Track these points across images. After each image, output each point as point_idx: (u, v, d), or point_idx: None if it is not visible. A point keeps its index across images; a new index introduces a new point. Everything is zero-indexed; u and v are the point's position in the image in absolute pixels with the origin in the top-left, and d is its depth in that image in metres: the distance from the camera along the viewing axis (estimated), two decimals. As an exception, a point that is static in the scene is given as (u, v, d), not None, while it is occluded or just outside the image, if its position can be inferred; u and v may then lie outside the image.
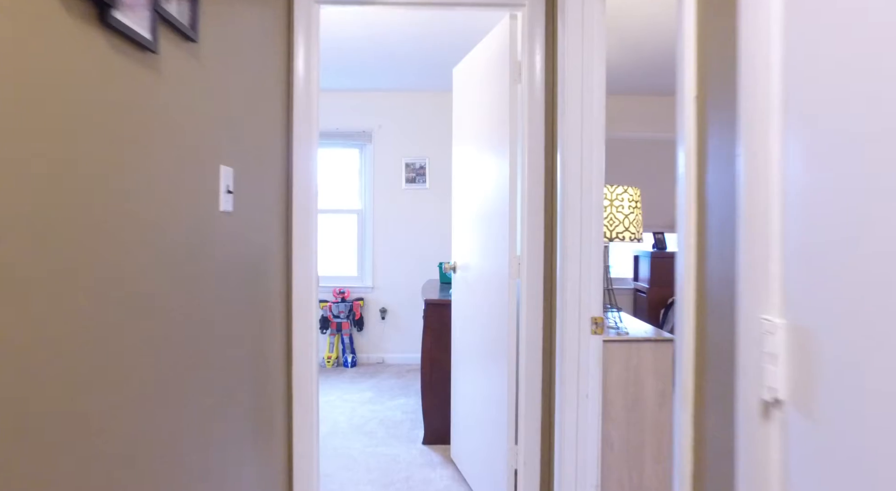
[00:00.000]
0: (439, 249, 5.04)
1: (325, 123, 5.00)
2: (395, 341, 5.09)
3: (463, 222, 2.71)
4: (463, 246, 2.69)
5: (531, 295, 2.01)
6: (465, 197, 2.69)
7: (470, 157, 2.61)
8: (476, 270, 2.49)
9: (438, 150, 5.02)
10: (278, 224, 1.95)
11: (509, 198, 2.12)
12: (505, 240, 2.15)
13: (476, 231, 2.51)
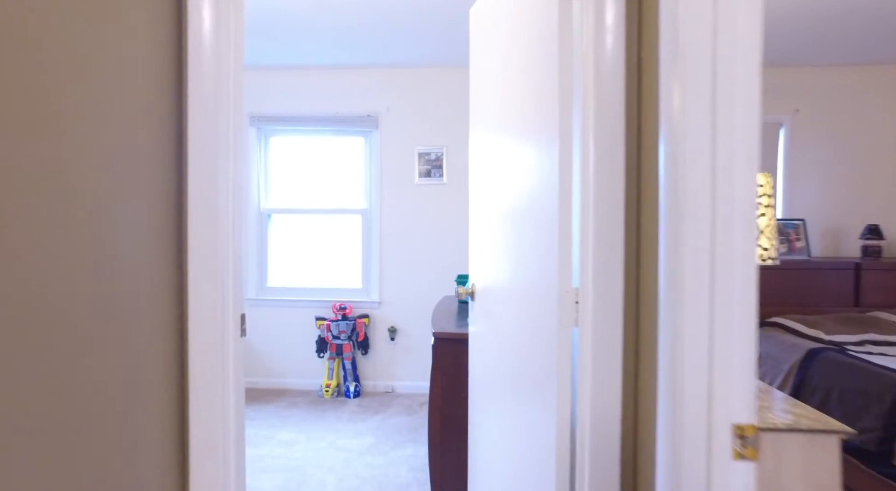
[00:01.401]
0: (460, 257, 4.19)
1: (322, 106, 4.20)
2: (406, 367, 4.26)
3: (483, 232, 1.85)
4: (483, 264, 1.84)
5: (600, 361, 1.15)
6: (485, 199, 1.84)
7: (494, 145, 1.75)
8: (502, 299, 1.64)
9: (458, 138, 4.16)
10: (152, 237, 1.14)
11: (559, 202, 1.26)
12: (551, 262, 1.29)
13: (503, 246, 1.65)
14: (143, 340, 1.06)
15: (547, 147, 1.32)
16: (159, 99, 1.12)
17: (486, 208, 1.82)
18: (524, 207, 1.48)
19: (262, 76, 4.20)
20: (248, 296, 4.26)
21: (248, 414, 3.69)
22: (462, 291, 1.90)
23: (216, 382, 1.18)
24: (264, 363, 4.29)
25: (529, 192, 1.44)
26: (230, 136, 1.23)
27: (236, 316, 1.25)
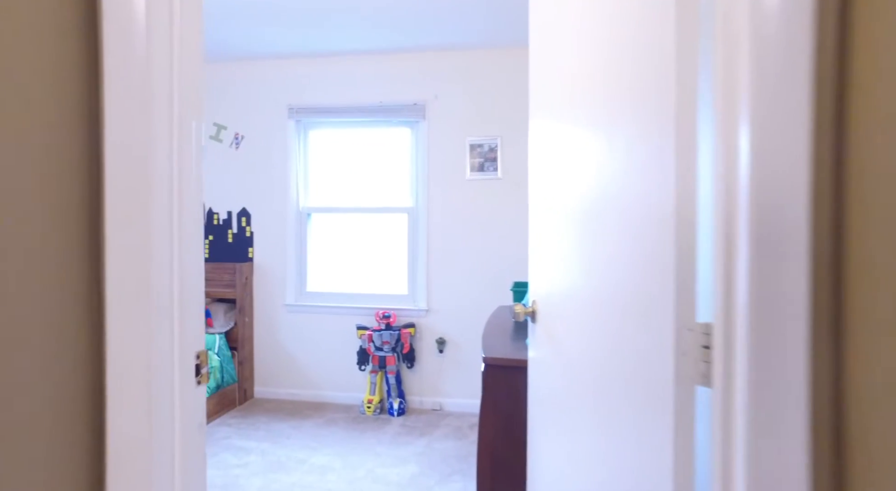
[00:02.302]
0: (517, 262, 3.72)
1: (364, 95, 3.84)
2: (455, 383, 3.84)
3: (546, 237, 1.40)
4: (547, 276, 1.38)
5: (766, 454, 0.67)
6: (550, 197, 1.38)
7: (563, 132, 1.29)
8: (576, 327, 1.18)
9: (515, 127, 3.70)
10: (48, 263, 0.76)
11: (675, 202, 0.80)
12: (658, 283, 0.83)
13: (577, 256, 1.19)
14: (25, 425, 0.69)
15: (654, 128, 0.85)
16: (66, 90, 0.75)
17: (552, 208, 1.36)
18: (610, 208, 1.02)
19: (300, 65, 3.90)
20: (286, 301, 3.96)
21: (284, 432, 3.38)
22: (520, 311, 1.45)
23: (148, 478, 0.78)
24: (303, 374, 3.99)
25: (619, 189, 0.97)
26: (173, 134, 0.84)
27: (186, 358, 0.86)
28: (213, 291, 3.84)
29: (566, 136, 1.26)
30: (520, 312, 1.46)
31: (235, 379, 3.77)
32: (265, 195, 3.97)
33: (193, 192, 0.88)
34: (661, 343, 0.83)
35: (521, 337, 2.13)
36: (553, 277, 1.34)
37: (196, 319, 0.88)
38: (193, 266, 0.87)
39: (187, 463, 0.87)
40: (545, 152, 1.43)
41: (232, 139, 3.99)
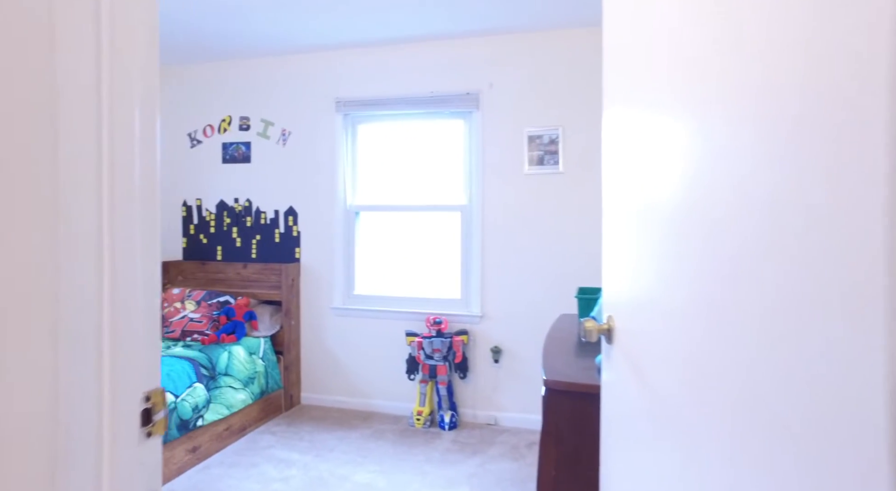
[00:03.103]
0: (583, 265, 3.37)
1: (414, 86, 3.60)
2: (512, 395, 3.52)
3: (631, 242, 1.07)
4: (632, 287, 1.06)
5: None
6: (638, 197, 1.06)
7: (661, 123, 0.97)
8: (680, 363, 0.86)
9: (578, 116, 3.35)
10: None
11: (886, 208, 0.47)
12: (844, 315, 0.50)
13: (674, 265, 0.87)
14: None
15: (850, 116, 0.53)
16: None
17: (638, 207, 1.04)
18: (758, 206, 0.69)
19: (347, 57, 3.71)
20: (333, 304, 3.78)
21: (329, 443, 3.18)
22: (592, 329, 1.14)
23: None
24: (351, 381, 3.80)
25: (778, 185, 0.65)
26: (102, 124, 0.59)
27: (127, 402, 0.61)
28: (259, 293, 3.71)
29: (664, 126, 0.94)
30: (592, 329, 1.14)
31: (280, 385, 3.62)
32: (312, 193, 3.82)
33: (136, 189, 0.63)
34: (850, 409, 0.51)
35: (588, 353, 1.80)
36: (639, 288, 1.02)
37: (146, 348, 0.64)
38: (136, 278, 0.62)
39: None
40: (626, 143, 1.11)
41: (279, 136, 3.86)
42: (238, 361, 3.25)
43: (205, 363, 3.01)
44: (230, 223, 3.97)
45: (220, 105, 3.98)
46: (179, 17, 3.14)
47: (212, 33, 3.40)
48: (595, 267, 3.32)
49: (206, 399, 2.92)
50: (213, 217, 4.01)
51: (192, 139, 4.04)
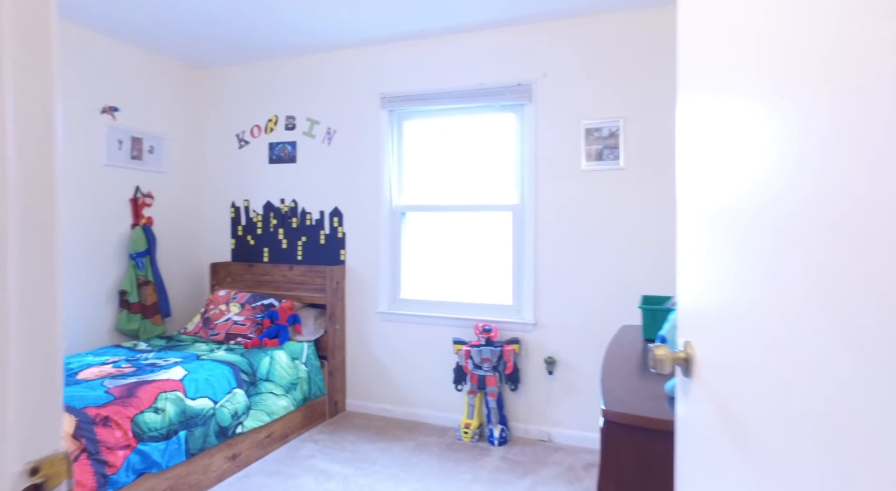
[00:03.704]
0: (648, 270, 3.05)
1: (462, 78, 3.40)
2: (568, 410, 3.25)
3: (721, 249, 0.82)
4: (716, 309, 0.81)
5: None
6: (726, 192, 0.81)
7: (747, 108, 0.72)
8: (792, 397, 0.61)
9: (642, 106, 3.04)
10: None
11: None
12: None
13: (797, 281, 0.61)
14: None
15: None
16: None
17: (724, 205, 0.79)
18: None
19: (391, 51, 3.56)
20: (378, 309, 3.64)
21: (371, 455, 3.03)
22: (665, 358, 0.89)
23: None
24: (396, 389, 3.64)
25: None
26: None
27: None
28: (303, 296, 3.62)
29: (761, 113, 0.69)
30: (664, 358, 0.90)
31: (324, 391, 3.51)
32: (358, 193, 3.69)
33: (10, 189, 0.47)
34: None
35: (654, 377, 1.54)
36: (731, 310, 0.77)
37: (30, 399, 0.47)
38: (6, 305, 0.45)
39: None
40: (709, 133, 0.86)
41: (324, 134, 3.76)
42: (280, 366, 3.16)
43: (245, 368, 2.93)
44: (276, 224, 3.92)
45: (266, 105, 3.93)
46: (225, 16, 3.09)
47: (255, 32, 3.34)
48: (661, 273, 2.99)
49: (247, 405, 2.84)
50: (259, 218, 3.97)
51: (239, 140, 4.02)
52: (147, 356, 2.97)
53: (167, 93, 3.86)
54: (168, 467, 2.39)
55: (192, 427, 2.50)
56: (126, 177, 3.58)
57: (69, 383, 2.51)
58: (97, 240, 3.40)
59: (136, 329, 3.49)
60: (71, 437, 2.09)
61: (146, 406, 2.36)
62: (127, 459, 2.23)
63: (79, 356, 2.96)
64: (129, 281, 3.48)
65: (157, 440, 2.34)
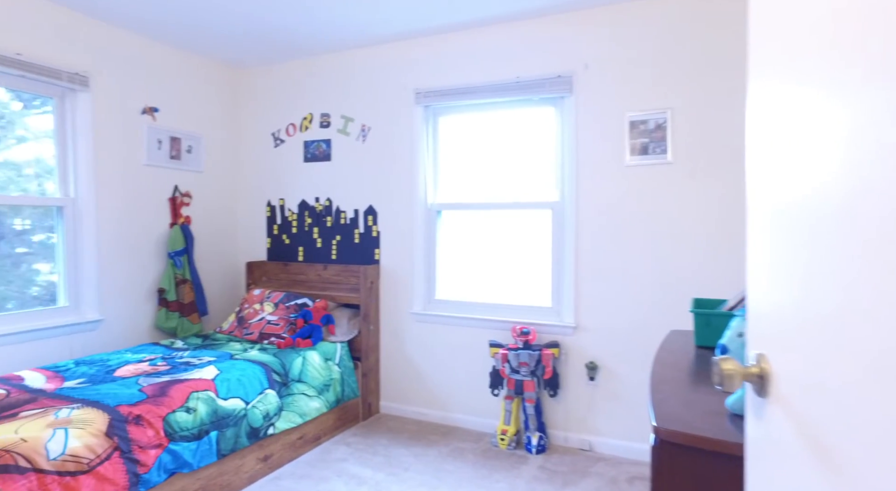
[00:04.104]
0: (697, 272, 2.86)
1: (499, 71, 3.27)
2: (610, 419, 3.08)
3: (805, 247, 0.68)
4: (801, 315, 0.66)
5: None
6: (810, 183, 0.67)
7: (836, 93, 0.58)
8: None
9: (691, 95, 2.84)
10: None
11: None
12: None
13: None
14: None
15: None
16: None
17: (808, 197, 0.66)
18: None
19: (425, 44, 3.47)
20: (413, 309, 3.56)
21: (404, 460, 2.95)
22: (733, 372, 0.76)
23: None
24: (431, 391, 3.55)
25: None
26: None
27: None
28: (337, 296, 3.58)
29: (854, 100, 0.55)
30: (733, 374, 0.76)
31: (357, 393, 3.45)
32: (392, 191, 3.62)
33: None
34: None
35: (711, 385, 1.38)
36: (821, 317, 0.63)
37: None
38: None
39: None
40: (788, 122, 0.72)
41: (359, 132, 3.71)
42: (313, 367, 3.11)
43: (277, 369, 2.89)
44: (311, 223, 3.89)
45: (301, 103, 3.91)
46: (261, 15, 3.07)
47: (291, 30, 3.31)
48: (713, 274, 2.79)
49: (278, 407, 2.80)
50: (294, 217, 3.95)
51: (275, 139, 4.02)
52: (182, 355, 2.97)
53: (205, 93, 3.89)
54: (199, 468, 2.37)
55: (223, 428, 2.47)
56: (165, 176, 3.62)
57: (106, 380, 2.52)
58: (137, 238, 3.45)
59: (174, 327, 3.52)
60: (104, 434, 2.08)
61: (178, 405, 2.34)
62: (158, 458, 2.21)
63: (118, 353, 2.99)
64: (167, 279, 3.51)
65: (188, 440, 2.32)
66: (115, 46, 3.30)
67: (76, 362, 2.81)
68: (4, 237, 2.95)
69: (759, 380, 0.75)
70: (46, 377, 2.58)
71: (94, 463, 2.02)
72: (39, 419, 2.06)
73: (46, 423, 2.04)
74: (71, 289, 3.15)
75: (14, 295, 2.97)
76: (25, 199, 2.97)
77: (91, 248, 3.18)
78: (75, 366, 2.75)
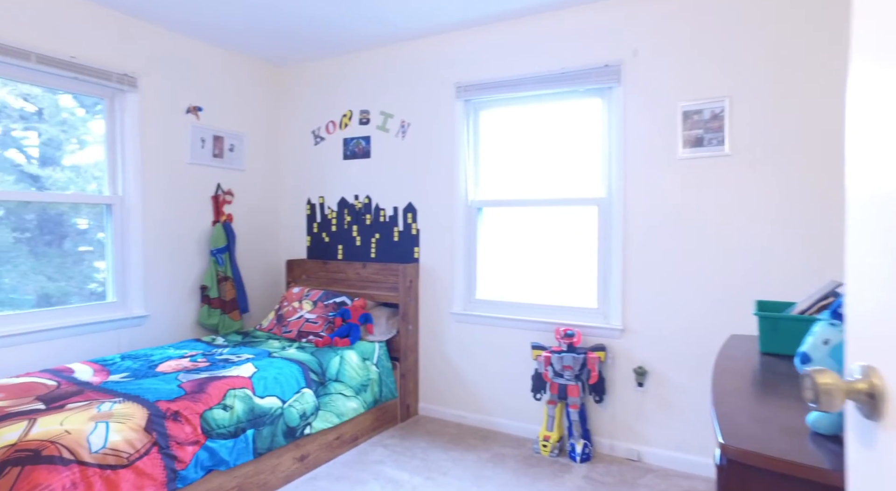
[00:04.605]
0: (759, 272, 2.65)
1: (542, 62, 3.14)
2: (661, 428, 2.90)
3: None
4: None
5: None
6: None
7: None
8: None
9: (752, 82, 2.64)
10: None
11: None
12: None
13: None
14: None
15: None
16: None
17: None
18: None
19: (465, 36, 3.37)
20: (453, 309, 3.47)
21: (442, 465, 2.86)
22: (834, 388, 0.62)
23: None
24: (471, 394, 3.45)
25: None
26: None
27: None
28: (376, 294, 3.53)
29: None
30: (832, 389, 0.63)
31: (395, 394, 3.38)
32: (432, 188, 3.54)
33: None
34: None
35: (785, 398, 1.23)
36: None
37: None
38: None
39: None
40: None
41: (398, 128, 3.65)
42: (350, 366, 3.07)
43: (314, 368, 2.86)
44: (350, 221, 3.86)
45: (341, 100, 3.88)
46: (302, 12, 3.04)
47: (332, 25, 3.28)
48: (775, 274, 2.58)
49: (315, 406, 2.76)
50: (334, 215, 3.93)
51: (315, 137, 4.01)
52: (222, 351, 2.98)
53: (247, 92, 3.92)
54: (236, 466, 2.35)
55: (259, 426, 2.45)
56: (208, 175, 3.65)
57: (148, 375, 2.54)
58: (181, 236, 3.49)
59: (215, 324, 3.55)
60: (143, 429, 2.08)
61: (215, 402, 2.32)
62: (196, 455, 2.20)
63: (161, 348, 3.02)
64: (209, 276, 3.55)
65: (225, 438, 2.30)
66: (162, 47, 3.35)
67: (122, 357, 2.85)
68: (69, 236, 3.06)
69: (868, 399, 0.62)
70: (94, 370, 2.62)
71: (134, 457, 2.02)
72: (83, 412, 2.08)
73: (89, 416, 2.06)
74: (119, 285, 3.22)
75: (75, 290, 3.07)
76: (77, 197, 3.04)
77: (137, 245, 3.24)
78: (121, 360, 2.79)
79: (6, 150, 2.82)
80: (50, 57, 2.81)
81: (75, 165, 3.08)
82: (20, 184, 2.87)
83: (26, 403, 2.18)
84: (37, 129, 2.94)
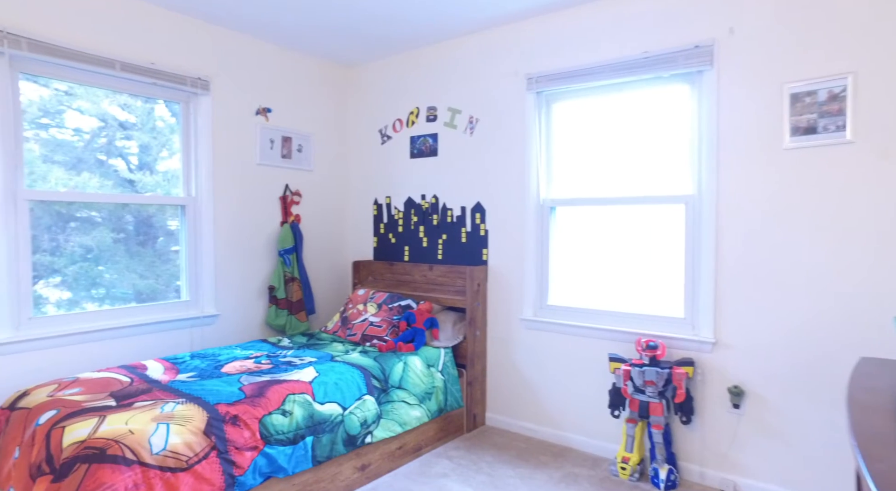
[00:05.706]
0: (885, 281, 2.25)
1: (620, 47, 2.86)
2: (760, 455, 2.54)
3: None
4: None
5: None
6: None
7: None
8: None
9: (883, 52, 2.24)
10: None
11: None
12: None
13: None
14: None
15: None
16: None
17: None
18: None
19: (536, 24, 3.15)
20: (523, 315, 3.25)
21: (509, 482, 2.66)
22: None
23: None
24: (542, 406, 3.21)
25: None
26: None
27: None
28: (442, 298, 3.38)
29: None
30: None
31: (461, 403, 3.22)
32: (501, 186, 3.35)
33: None
34: None
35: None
36: None
37: None
38: None
39: None
40: None
41: (466, 124, 3.48)
42: (414, 373, 2.94)
43: (377, 374, 2.75)
44: (417, 222, 3.74)
45: (407, 98, 3.78)
46: (367, 7, 2.96)
47: (398, 19, 3.17)
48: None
49: (377, 414, 2.65)
50: (400, 215, 3.83)
51: (382, 135, 3.93)
52: (286, 354, 2.94)
53: (315, 92, 3.91)
54: (294, 473, 2.28)
55: (319, 433, 2.37)
56: (277, 175, 3.67)
57: (213, 376, 2.53)
58: (250, 236, 3.52)
59: (283, 324, 3.55)
60: (202, 433, 2.05)
61: (274, 407, 2.26)
62: (254, 460, 2.14)
63: (229, 348, 3.04)
64: (277, 277, 3.55)
65: (283, 444, 2.23)
66: (233, 50, 3.40)
67: (192, 355, 2.88)
68: (159, 236, 3.18)
69: None
70: (164, 368, 2.65)
71: (193, 461, 1.98)
72: (147, 412, 2.08)
73: (152, 416, 2.05)
74: (192, 284, 3.28)
75: (161, 289, 3.18)
76: (154, 198, 3.13)
77: (209, 244, 3.29)
78: (190, 359, 2.82)
79: (112, 159, 2.98)
80: (132, 64, 2.90)
81: (167, 170, 3.21)
82: (117, 188, 3.01)
83: (101, 399, 2.21)
84: (134, 137, 3.08)
